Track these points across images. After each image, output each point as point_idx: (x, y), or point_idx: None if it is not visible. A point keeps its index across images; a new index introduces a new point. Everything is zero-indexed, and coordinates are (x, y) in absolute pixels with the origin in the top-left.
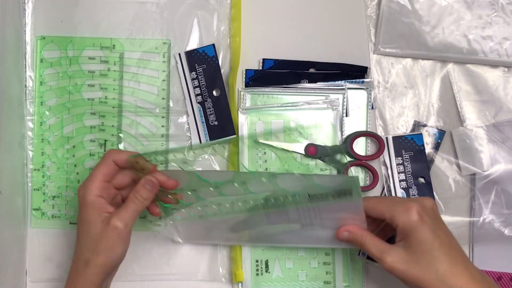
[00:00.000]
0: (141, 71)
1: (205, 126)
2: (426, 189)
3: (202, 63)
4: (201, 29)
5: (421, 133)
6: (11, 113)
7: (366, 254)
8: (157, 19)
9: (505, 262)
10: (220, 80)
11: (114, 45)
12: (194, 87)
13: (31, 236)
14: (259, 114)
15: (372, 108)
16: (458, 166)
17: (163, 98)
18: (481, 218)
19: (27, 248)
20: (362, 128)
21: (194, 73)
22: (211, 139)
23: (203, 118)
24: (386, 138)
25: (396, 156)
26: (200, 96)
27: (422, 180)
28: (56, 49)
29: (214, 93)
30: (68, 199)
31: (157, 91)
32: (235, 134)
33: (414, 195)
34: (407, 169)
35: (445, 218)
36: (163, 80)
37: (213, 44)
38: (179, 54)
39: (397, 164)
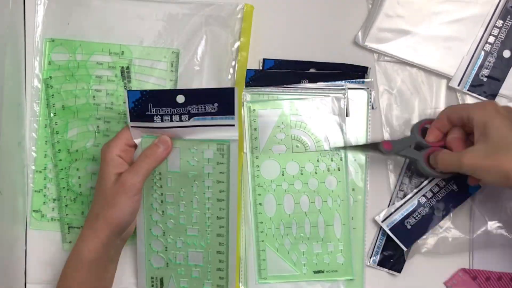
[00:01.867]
0: (148, 79)
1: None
2: None
3: None
4: (209, 40)
5: None
6: (10, 114)
7: (376, 262)
8: (167, 28)
9: (505, 262)
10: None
11: (123, 52)
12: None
13: (30, 238)
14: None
15: (373, 108)
16: None
17: None
18: (488, 225)
19: (26, 250)
20: (363, 128)
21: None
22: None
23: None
24: None
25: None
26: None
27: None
28: (64, 52)
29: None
30: (68, 203)
31: None
32: None
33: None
34: None
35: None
36: None
37: None
38: None
39: None
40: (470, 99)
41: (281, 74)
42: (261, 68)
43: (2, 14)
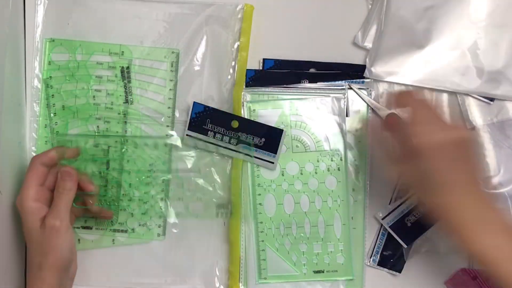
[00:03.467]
0: (149, 79)
1: None
2: None
3: None
4: (209, 40)
5: None
6: (10, 114)
7: (376, 261)
8: (167, 28)
9: None
10: None
11: (123, 52)
12: None
13: None
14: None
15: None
16: None
17: (168, 107)
18: None
19: (25, 250)
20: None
21: None
22: None
23: None
24: None
25: None
26: None
27: None
28: (64, 52)
29: None
30: None
31: (163, 100)
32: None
33: None
34: None
35: None
36: (170, 90)
37: None
38: None
39: None
40: (472, 101)
41: (281, 74)
42: (261, 68)
43: (2, 14)
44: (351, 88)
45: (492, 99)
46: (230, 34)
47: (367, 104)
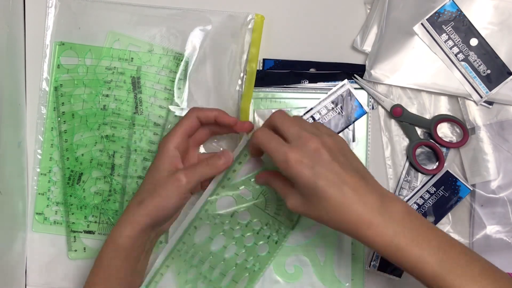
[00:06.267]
0: (157, 86)
1: (479, 80)
2: None
3: (449, 21)
4: (218, 50)
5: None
6: (9, 114)
7: (376, 266)
8: (177, 36)
9: (504, 266)
10: (473, 29)
11: (132, 58)
12: (451, 48)
13: (31, 240)
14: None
15: (373, 108)
16: (465, 175)
17: (175, 115)
18: (487, 229)
19: (27, 252)
20: (363, 128)
21: (445, 34)
22: (490, 89)
23: (473, 73)
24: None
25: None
26: (461, 54)
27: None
28: (74, 56)
29: (472, 43)
30: (71, 207)
31: (170, 108)
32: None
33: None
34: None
35: (446, 228)
36: (178, 97)
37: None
38: (422, 24)
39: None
40: (471, 104)
41: (281, 74)
42: (261, 68)
43: (1, 14)
44: (354, 80)
45: (491, 103)
46: (239, 44)
47: (368, 98)
